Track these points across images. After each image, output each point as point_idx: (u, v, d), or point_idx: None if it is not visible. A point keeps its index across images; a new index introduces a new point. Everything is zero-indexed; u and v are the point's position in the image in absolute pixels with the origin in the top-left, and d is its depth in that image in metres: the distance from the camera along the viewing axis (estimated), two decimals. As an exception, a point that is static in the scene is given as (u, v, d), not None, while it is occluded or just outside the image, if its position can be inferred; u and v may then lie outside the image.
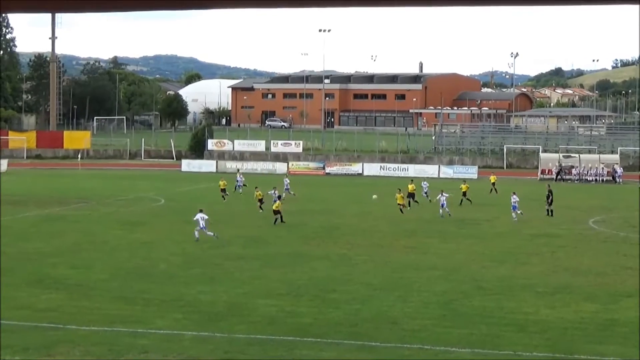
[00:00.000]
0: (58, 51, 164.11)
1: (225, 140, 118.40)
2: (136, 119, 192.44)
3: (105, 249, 46.69)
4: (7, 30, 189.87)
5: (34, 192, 75.64)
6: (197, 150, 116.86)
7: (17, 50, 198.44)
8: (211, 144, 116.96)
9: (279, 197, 59.13)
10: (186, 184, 79.75)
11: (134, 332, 29.15)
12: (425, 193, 68.08)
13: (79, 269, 40.42)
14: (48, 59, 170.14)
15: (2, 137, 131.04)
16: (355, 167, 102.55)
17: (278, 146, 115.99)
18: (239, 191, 74.34)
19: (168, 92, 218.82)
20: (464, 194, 66.89)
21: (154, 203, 67.38)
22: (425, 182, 70.25)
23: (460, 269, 41.44)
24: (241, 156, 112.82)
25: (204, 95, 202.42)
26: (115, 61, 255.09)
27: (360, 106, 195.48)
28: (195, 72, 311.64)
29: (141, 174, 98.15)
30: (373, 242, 49.36)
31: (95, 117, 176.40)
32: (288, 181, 74.26)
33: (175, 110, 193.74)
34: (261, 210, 60.96)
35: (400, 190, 62.03)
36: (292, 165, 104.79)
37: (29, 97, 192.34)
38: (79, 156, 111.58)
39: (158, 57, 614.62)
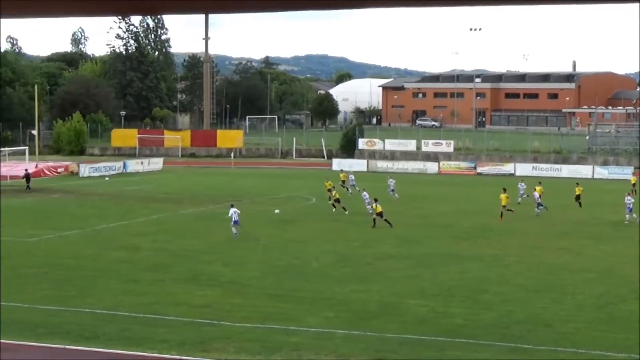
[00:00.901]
0: (211, 51, 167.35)
1: (376, 140, 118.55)
2: (287, 118, 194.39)
3: (258, 247, 47.29)
4: (162, 32, 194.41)
5: (189, 190, 77.17)
6: (348, 149, 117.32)
7: (172, 50, 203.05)
8: (362, 143, 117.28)
9: (375, 200, 57.97)
10: (336, 183, 79.97)
11: (286, 329, 29.44)
12: (521, 195, 66.54)
13: (232, 267, 41.06)
14: (202, 59, 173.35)
15: (158, 136, 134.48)
16: (507, 167, 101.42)
17: (429, 146, 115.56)
18: (349, 191, 73.69)
19: (319, 92, 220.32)
20: (577, 197, 65.30)
21: (306, 202, 67.96)
22: (522, 184, 68.44)
23: (617, 271, 40.53)
24: (392, 155, 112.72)
25: (354, 95, 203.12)
26: (267, 61, 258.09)
27: (512, 105, 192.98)
28: (345, 71, 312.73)
29: (292, 172, 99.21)
30: (525, 243, 48.75)
31: (247, 116, 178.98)
32: (393, 182, 73.15)
33: (326, 109, 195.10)
34: (334, 209, 60.94)
35: (505, 190, 59.87)
36: (443, 164, 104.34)
37: (184, 96, 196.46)
38: (232, 155, 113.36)
39: (309, 56, 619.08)
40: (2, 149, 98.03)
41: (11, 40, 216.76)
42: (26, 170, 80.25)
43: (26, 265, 40.91)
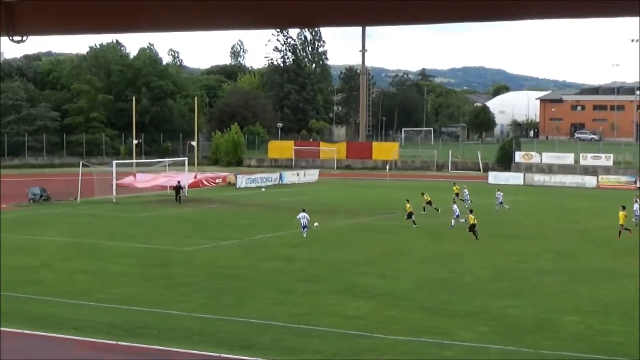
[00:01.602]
0: (368, 64, 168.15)
1: (533, 153, 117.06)
2: (443, 130, 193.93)
3: (412, 259, 47.14)
4: (319, 44, 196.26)
5: (344, 201, 77.52)
6: (504, 162, 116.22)
7: (329, 63, 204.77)
8: (518, 156, 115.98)
9: (470, 211, 57.40)
10: (493, 197, 79.22)
11: (439, 343, 29.23)
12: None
13: (386, 279, 41.01)
14: (358, 71, 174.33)
15: (314, 148, 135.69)
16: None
17: (587, 159, 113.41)
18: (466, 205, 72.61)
19: (475, 104, 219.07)
20: None
21: (461, 215, 67.36)
22: (637, 198, 65.89)
23: None
24: (549, 169, 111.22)
25: (511, 107, 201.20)
26: (423, 73, 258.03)
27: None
28: (503, 83, 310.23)
29: (447, 185, 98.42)
30: (688, 260, 47.21)
31: (403, 129, 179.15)
32: (501, 194, 72.13)
33: (482, 122, 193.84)
34: (415, 225, 60.16)
35: (624, 207, 57.23)
36: (602, 178, 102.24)
37: (340, 108, 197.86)
38: (387, 167, 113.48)
39: (466, 68, 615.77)
40: (162, 159, 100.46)
41: (172, 53, 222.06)
42: (178, 182, 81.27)
43: (184, 274, 41.75)
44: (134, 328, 30.47)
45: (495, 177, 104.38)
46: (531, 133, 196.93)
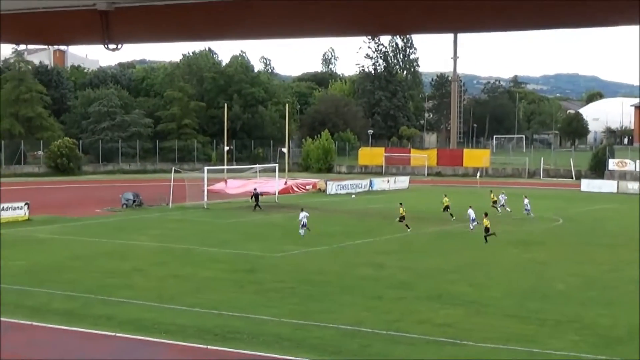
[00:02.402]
0: (459, 71, 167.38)
1: (627, 160, 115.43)
2: (535, 137, 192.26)
3: (502, 267, 46.79)
4: (410, 51, 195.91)
5: (434, 208, 77.19)
6: (598, 170, 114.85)
7: (420, 70, 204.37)
8: (612, 164, 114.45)
9: (485, 214, 56.96)
10: (585, 204, 78.35)
11: (530, 351, 28.94)
12: None
13: (475, 286, 40.77)
14: (450, 78, 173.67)
15: (404, 155, 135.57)
16: None
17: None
18: (498, 211, 72.04)
19: (568, 111, 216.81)
20: None
21: (552, 223, 66.75)
22: None
23: None
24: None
25: (605, 114, 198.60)
26: (515, 80, 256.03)
27: None
28: (596, 90, 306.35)
29: (539, 193, 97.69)
30: None
31: (494, 136, 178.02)
32: (528, 200, 71.13)
33: (575, 129, 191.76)
34: (409, 229, 60.36)
35: None
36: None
37: (431, 115, 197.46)
38: (478, 174, 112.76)
39: (559, 75, 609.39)
40: (253, 166, 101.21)
41: (264, 61, 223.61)
42: (255, 189, 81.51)
43: (274, 279, 41.98)
44: (224, 333, 30.74)
45: (588, 185, 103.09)
46: (625, 140, 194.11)
